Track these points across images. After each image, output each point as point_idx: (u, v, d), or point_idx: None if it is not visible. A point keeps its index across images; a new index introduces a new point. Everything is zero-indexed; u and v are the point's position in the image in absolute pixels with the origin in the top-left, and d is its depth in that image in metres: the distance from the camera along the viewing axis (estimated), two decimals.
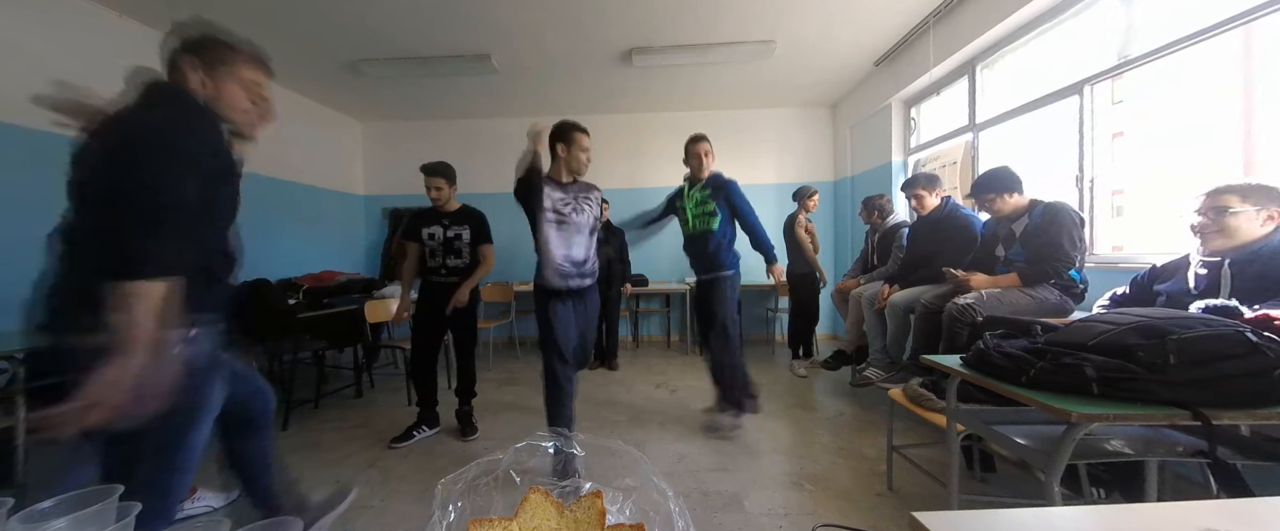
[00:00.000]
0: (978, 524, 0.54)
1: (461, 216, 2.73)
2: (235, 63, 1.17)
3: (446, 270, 2.69)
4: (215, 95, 1.14)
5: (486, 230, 2.75)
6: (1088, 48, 2.61)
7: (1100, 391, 1.05)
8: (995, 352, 1.24)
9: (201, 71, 1.12)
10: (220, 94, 1.14)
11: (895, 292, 2.76)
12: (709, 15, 3.33)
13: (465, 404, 2.80)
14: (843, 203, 5.28)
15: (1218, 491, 1.32)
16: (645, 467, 0.56)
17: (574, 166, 2.18)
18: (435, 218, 2.72)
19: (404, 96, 4.76)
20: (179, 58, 1.12)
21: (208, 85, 1.13)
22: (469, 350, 2.80)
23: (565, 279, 2.13)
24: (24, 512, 0.54)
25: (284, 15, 3.17)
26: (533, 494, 0.51)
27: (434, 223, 2.71)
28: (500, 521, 0.49)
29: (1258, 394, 0.97)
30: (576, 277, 2.16)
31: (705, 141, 2.71)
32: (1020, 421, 1.40)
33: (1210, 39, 2.03)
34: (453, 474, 0.54)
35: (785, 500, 1.96)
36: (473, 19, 3.30)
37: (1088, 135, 2.59)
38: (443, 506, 0.51)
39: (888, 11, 3.33)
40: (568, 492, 0.55)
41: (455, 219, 2.72)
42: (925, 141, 4.12)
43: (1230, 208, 1.50)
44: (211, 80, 1.13)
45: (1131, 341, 1.06)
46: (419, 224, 2.72)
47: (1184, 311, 1.26)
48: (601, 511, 0.50)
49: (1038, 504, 0.95)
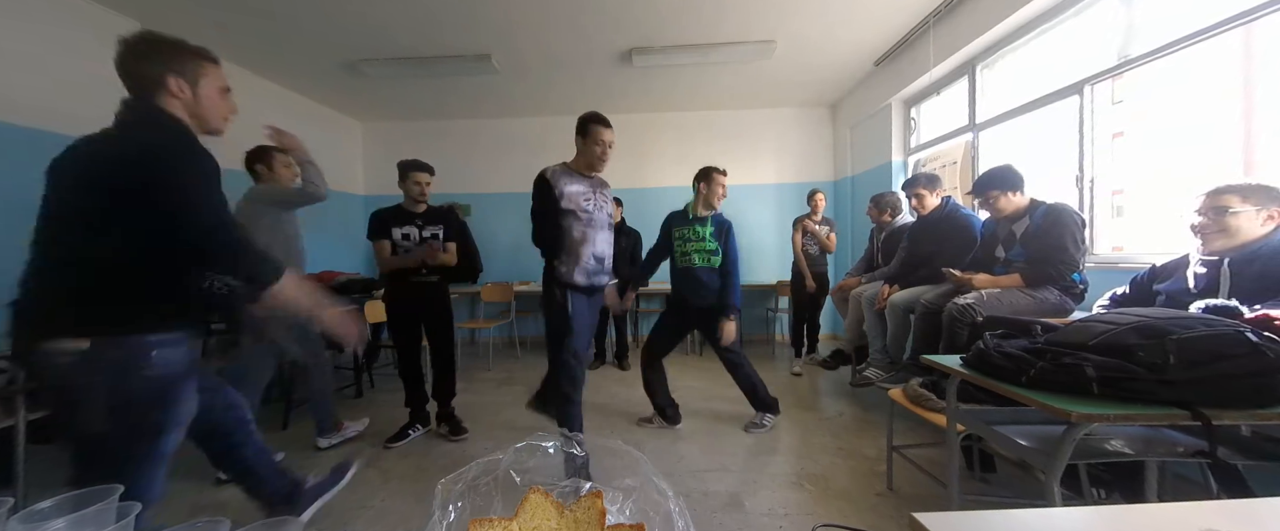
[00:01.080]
0: (979, 524, 0.54)
1: (435, 216, 2.68)
2: (204, 67, 1.18)
3: (425, 270, 2.62)
4: (197, 104, 1.16)
5: (458, 228, 2.74)
6: (1088, 48, 2.61)
7: (1101, 391, 1.04)
8: (995, 352, 1.24)
9: (184, 83, 1.14)
10: (201, 102, 1.17)
11: (895, 293, 2.76)
12: (709, 15, 3.33)
13: (445, 406, 2.74)
14: (843, 203, 5.28)
15: (1218, 491, 1.32)
16: (645, 467, 0.56)
17: (589, 160, 2.13)
18: (408, 217, 2.63)
19: (404, 96, 4.76)
20: (163, 76, 1.12)
21: (187, 93, 1.15)
22: (446, 351, 2.73)
23: (590, 276, 2.12)
24: (24, 512, 0.54)
25: (284, 15, 3.17)
26: (533, 494, 0.51)
27: (407, 223, 2.63)
28: (500, 521, 0.49)
29: (1259, 393, 0.97)
30: (600, 274, 2.16)
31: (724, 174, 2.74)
32: (1020, 421, 1.40)
33: (1210, 39, 2.03)
34: (453, 474, 0.54)
35: (785, 500, 1.96)
36: (473, 19, 3.29)
37: (1088, 135, 2.59)
38: (443, 506, 0.51)
39: (888, 11, 3.33)
40: (568, 492, 0.55)
41: (429, 218, 2.67)
42: (925, 141, 4.12)
43: (1230, 207, 1.50)
44: (192, 90, 1.16)
45: (1131, 341, 1.06)
46: (390, 223, 2.61)
47: (1184, 311, 1.26)
48: (601, 511, 0.50)
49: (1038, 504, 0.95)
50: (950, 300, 2.24)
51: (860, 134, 4.89)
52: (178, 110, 1.14)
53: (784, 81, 4.60)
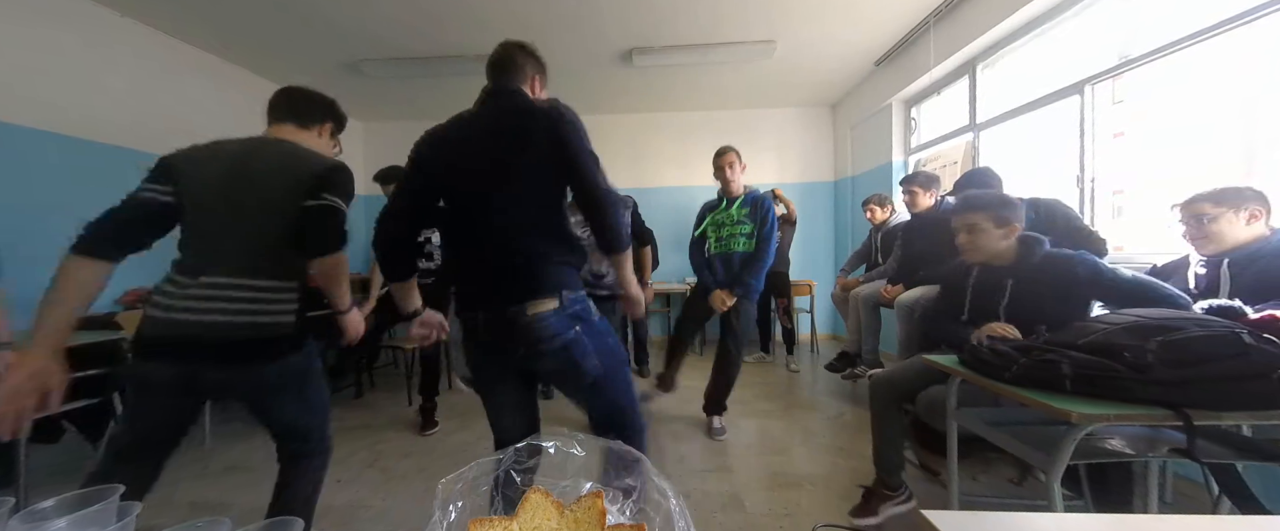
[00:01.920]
0: (995, 524, 0.54)
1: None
2: (545, 80, 1.46)
3: (419, 273, 2.68)
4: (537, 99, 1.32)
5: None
6: (1088, 47, 2.61)
7: (1073, 388, 1.07)
8: (986, 350, 1.28)
9: (540, 83, 1.43)
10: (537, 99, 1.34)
11: (903, 292, 2.75)
12: (709, 15, 3.33)
13: (428, 400, 2.83)
14: (843, 203, 5.28)
15: (1218, 492, 1.32)
16: (645, 467, 0.56)
17: None
18: None
19: (404, 96, 4.76)
20: (533, 75, 1.38)
21: (539, 91, 1.42)
22: (430, 350, 2.83)
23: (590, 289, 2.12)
24: (24, 512, 0.54)
25: (284, 15, 3.17)
26: (533, 494, 0.51)
27: None
28: (500, 521, 0.49)
29: (1248, 395, 0.98)
30: (599, 290, 2.16)
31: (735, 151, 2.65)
32: (1020, 421, 1.40)
33: (1210, 39, 2.03)
34: (453, 474, 0.54)
35: (785, 500, 1.96)
36: (473, 19, 3.29)
37: (1088, 135, 2.59)
38: (443, 506, 0.51)
39: (888, 11, 3.33)
40: (568, 492, 0.55)
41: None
42: (926, 141, 4.12)
43: (1205, 214, 1.52)
44: (540, 90, 1.42)
45: (1120, 341, 1.08)
46: None
47: (1184, 312, 1.26)
48: (602, 511, 0.50)
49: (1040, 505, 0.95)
50: None
51: (860, 134, 4.89)
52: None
53: (784, 81, 4.60)
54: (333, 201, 1.21)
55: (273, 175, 1.19)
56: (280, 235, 1.18)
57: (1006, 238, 1.67)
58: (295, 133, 1.34)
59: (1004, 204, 1.69)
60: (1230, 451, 1.16)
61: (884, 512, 1.75)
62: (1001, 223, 1.66)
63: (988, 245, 1.69)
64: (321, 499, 1.37)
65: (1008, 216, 1.66)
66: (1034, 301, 1.56)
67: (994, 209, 1.67)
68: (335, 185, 1.23)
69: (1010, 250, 1.67)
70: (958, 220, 1.75)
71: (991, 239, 1.68)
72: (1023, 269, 1.63)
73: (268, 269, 1.18)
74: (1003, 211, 1.67)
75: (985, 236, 1.69)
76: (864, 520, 1.75)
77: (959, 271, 1.82)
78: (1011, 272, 1.65)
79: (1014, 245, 1.67)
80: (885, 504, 1.75)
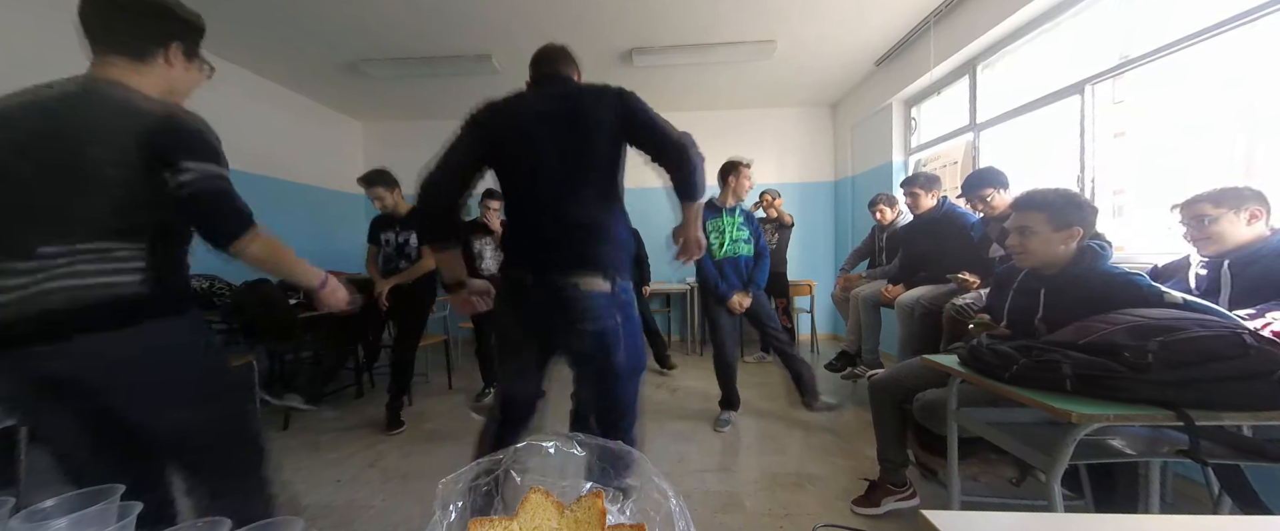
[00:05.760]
0: (995, 524, 0.54)
1: (413, 221, 2.80)
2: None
3: (390, 272, 2.87)
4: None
5: None
6: (1088, 47, 2.61)
7: (1074, 388, 1.07)
8: (986, 350, 1.27)
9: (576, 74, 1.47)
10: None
11: (904, 293, 2.76)
12: (709, 15, 3.33)
13: (396, 399, 2.86)
14: (843, 203, 5.28)
15: (1218, 492, 1.32)
16: (645, 467, 0.56)
17: None
18: (390, 223, 2.87)
19: (404, 96, 4.75)
20: (575, 69, 1.49)
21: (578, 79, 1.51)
22: (403, 345, 2.91)
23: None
24: (24, 512, 0.54)
25: (284, 15, 3.16)
26: (533, 493, 0.51)
27: (388, 228, 2.88)
28: (500, 521, 0.49)
29: (1249, 395, 0.98)
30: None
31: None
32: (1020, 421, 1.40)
33: (1210, 39, 2.03)
34: (453, 474, 0.54)
35: (785, 500, 1.96)
36: (473, 19, 3.29)
37: (1088, 135, 2.59)
38: (443, 506, 0.51)
39: (888, 11, 3.32)
40: (568, 492, 0.55)
41: (406, 223, 2.84)
42: (926, 141, 4.12)
43: (1206, 215, 1.51)
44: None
45: (1121, 341, 1.08)
46: (378, 229, 2.91)
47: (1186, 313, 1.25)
48: (602, 511, 0.50)
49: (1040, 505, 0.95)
50: (949, 300, 2.24)
51: (861, 134, 4.89)
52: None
53: (784, 81, 4.60)
54: (200, 169, 0.89)
55: (85, 150, 0.86)
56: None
57: (1065, 242, 1.42)
58: (129, 70, 0.95)
59: (1069, 203, 1.43)
60: (1230, 452, 1.16)
61: (886, 505, 1.78)
62: (1061, 225, 1.42)
63: (1040, 250, 1.45)
64: (322, 499, 1.36)
65: (1070, 219, 1.41)
66: (1072, 320, 1.30)
67: (1054, 208, 1.43)
68: (190, 148, 0.90)
69: (1066, 257, 1.43)
70: (1012, 219, 1.53)
71: (1045, 243, 1.44)
72: (1065, 279, 1.42)
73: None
74: (1066, 212, 1.41)
75: (1037, 240, 1.45)
76: (865, 510, 1.79)
77: (1006, 275, 1.66)
78: (1056, 283, 1.44)
79: (1072, 252, 1.43)
80: (888, 497, 1.79)
